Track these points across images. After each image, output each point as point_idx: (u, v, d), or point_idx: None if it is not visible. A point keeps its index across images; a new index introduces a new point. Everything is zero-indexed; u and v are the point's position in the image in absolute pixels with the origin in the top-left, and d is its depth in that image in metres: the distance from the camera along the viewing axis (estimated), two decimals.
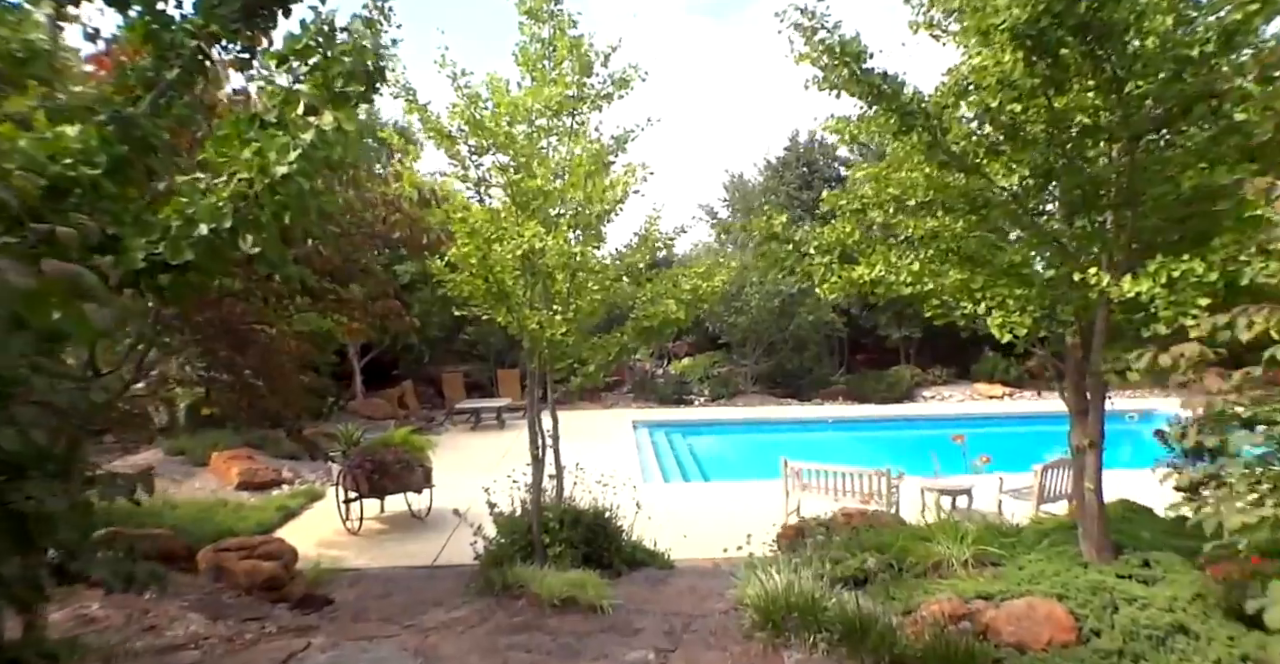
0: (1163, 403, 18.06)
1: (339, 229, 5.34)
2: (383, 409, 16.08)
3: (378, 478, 8.55)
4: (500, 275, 5.54)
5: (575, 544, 6.59)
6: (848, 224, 5.61)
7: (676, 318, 5.79)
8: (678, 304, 5.75)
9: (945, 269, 5.49)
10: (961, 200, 5.27)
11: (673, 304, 5.75)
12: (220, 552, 6.36)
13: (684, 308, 5.78)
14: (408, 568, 7.54)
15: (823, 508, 8.83)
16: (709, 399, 18.97)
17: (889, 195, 5.51)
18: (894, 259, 5.44)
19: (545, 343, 5.99)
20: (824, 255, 5.41)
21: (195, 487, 10.37)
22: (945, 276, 5.40)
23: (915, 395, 19.14)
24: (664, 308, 5.75)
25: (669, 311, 5.73)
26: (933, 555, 6.28)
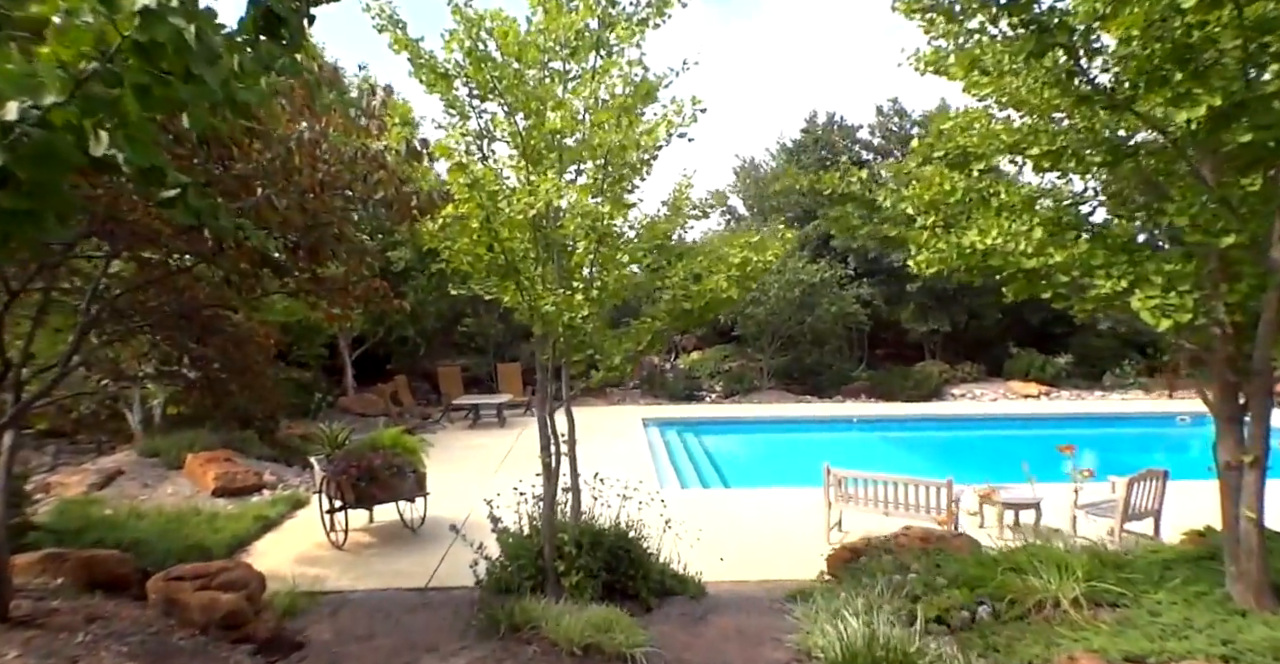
0: None
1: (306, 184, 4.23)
2: (375, 405, 15.00)
3: (365, 485, 7.49)
4: (508, 242, 4.45)
5: (595, 572, 5.54)
6: (945, 179, 4.51)
7: (727, 296, 4.71)
8: (729, 280, 4.66)
9: (1073, 238, 4.39)
10: (1101, 147, 4.18)
11: (722, 279, 4.66)
12: (172, 581, 5.29)
13: (735, 284, 4.70)
14: (398, 591, 6.50)
15: (867, 522, 7.80)
16: (722, 396, 17.89)
17: (1001, 143, 4.43)
18: (1006, 224, 4.35)
19: (562, 329, 4.91)
20: (926, 216, 4.30)
21: (168, 492, 9.30)
22: (1075, 246, 4.29)
23: (944, 393, 18.05)
24: (712, 284, 4.66)
25: (718, 289, 4.65)
26: (1033, 591, 5.22)
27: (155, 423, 10.72)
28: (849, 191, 4.65)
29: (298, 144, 4.51)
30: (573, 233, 4.82)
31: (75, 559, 5.69)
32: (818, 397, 17.88)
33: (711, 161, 36.41)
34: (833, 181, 4.70)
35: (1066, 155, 4.45)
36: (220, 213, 2.81)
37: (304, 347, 13.69)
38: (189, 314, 6.03)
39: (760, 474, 12.23)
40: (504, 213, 4.34)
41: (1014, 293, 5.12)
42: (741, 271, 4.88)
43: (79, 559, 5.69)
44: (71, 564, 5.67)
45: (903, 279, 19.18)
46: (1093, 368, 19.76)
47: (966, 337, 20.21)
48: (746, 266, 5.03)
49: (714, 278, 4.71)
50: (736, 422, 15.87)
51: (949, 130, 4.72)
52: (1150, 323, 4.20)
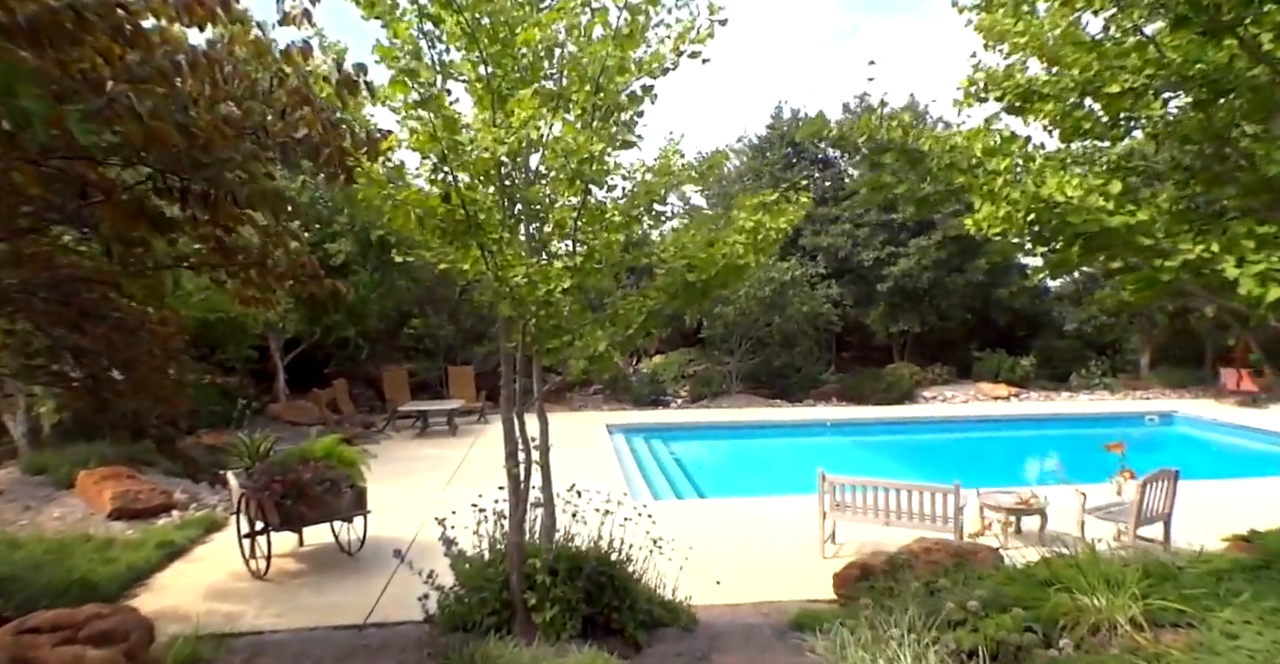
0: (1181, 404, 16.88)
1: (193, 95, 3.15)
2: (309, 413, 13.62)
3: (291, 504, 6.32)
4: (470, 192, 3.44)
5: (574, 604, 4.53)
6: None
7: (745, 263, 3.79)
8: (745, 246, 3.74)
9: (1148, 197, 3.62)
10: (1195, 83, 3.41)
11: (739, 243, 3.73)
12: (25, 634, 4.07)
13: (752, 250, 3.78)
14: (330, 630, 5.39)
15: (862, 533, 7.07)
16: (689, 400, 16.98)
17: (1071, 81, 3.63)
18: (1079, 178, 3.54)
19: (536, 308, 3.92)
20: (998, 160, 3.44)
21: (54, 516, 7.92)
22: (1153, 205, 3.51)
23: (916, 396, 17.52)
24: (725, 249, 3.73)
25: (733, 254, 3.72)
26: (1085, 612, 4.43)
27: (43, 434, 9.26)
28: (891, 138, 3.81)
29: (191, 62, 3.42)
30: (552, 184, 3.85)
31: None
32: (787, 400, 17.13)
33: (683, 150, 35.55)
34: (869, 126, 3.85)
35: (1146, 96, 3.69)
36: (25, 93, 1.76)
37: (229, 348, 12.29)
38: (64, 296, 4.82)
39: (735, 482, 11.35)
40: (465, 152, 3.33)
41: (1062, 262, 4.35)
42: (753, 237, 3.97)
43: None
44: None
45: (871, 279, 18.71)
46: (1055, 369, 19.61)
47: (932, 339, 19.83)
48: (758, 234, 4.13)
49: (729, 240, 3.78)
50: (706, 427, 14.98)
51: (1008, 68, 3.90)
52: (1250, 294, 3.40)
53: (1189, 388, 18.66)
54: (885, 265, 18.44)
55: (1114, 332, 19.74)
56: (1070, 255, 4.31)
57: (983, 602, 4.68)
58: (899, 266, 18.09)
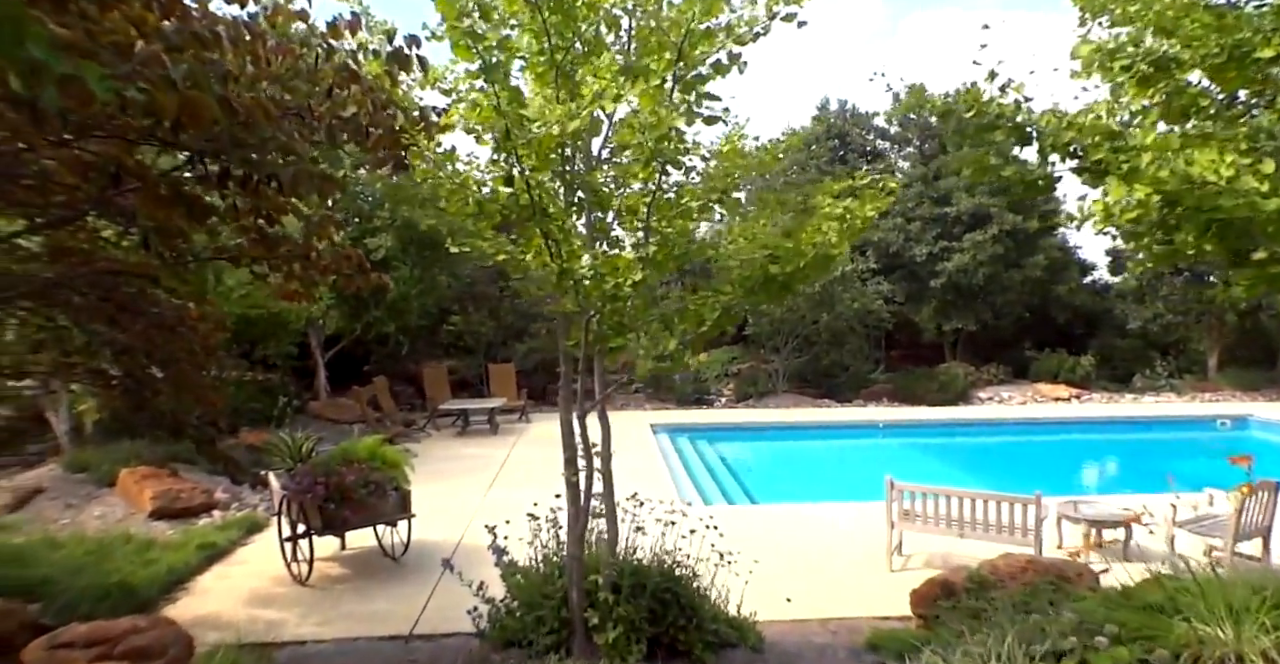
0: (1254, 407, 15.97)
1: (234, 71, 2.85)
2: (350, 411, 13.46)
3: (334, 507, 6.08)
4: (535, 174, 3.09)
5: (638, 624, 4.17)
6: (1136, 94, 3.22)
7: (838, 253, 3.39)
8: (839, 234, 3.34)
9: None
10: None
11: (832, 230, 3.33)
12: (57, 649, 3.84)
13: (844, 237, 3.38)
14: (373, 641, 5.13)
15: (929, 544, 6.64)
16: (734, 400, 16.53)
17: (1212, 45, 3.15)
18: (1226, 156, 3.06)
19: (601, 303, 3.56)
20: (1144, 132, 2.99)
21: (95, 515, 7.80)
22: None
23: (971, 397, 16.83)
24: (816, 238, 3.33)
25: (824, 244, 3.31)
26: (1209, 644, 3.94)
27: (86, 432, 9.18)
28: (1002, 114, 3.37)
29: (232, 37, 3.13)
30: (618, 167, 3.49)
31: None
32: (835, 400, 16.59)
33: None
34: (976, 99, 3.41)
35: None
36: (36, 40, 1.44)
37: (269, 345, 12.18)
38: (102, 289, 4.59)
39: (786, 486, 10.91)
40: (531, 129, 2.98)
41: (1172, 254, 3.86)
42: (846, 224, 3.56)
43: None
44: None
45: (923, 275, 18.03)
46: (1116, 370, 18.75)
47: (984, 337, 19.07)
48: (842, 222, 3.71)
49: (822, 228, 3.37)
50: (752, 428, 14.51)
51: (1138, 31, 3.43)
52: None
53: (1261, 390, 17.68)
54: (938, 261, 17.75)
55: (1179, 331, 18.79)
56: (1186, 246, 3.83)
57: (1084, 629, 4.21)
58: (953, 262, 17.39)
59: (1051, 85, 4.27)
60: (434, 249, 13.92)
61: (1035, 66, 3.86)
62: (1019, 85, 3.39)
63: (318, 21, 3.86)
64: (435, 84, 4.23)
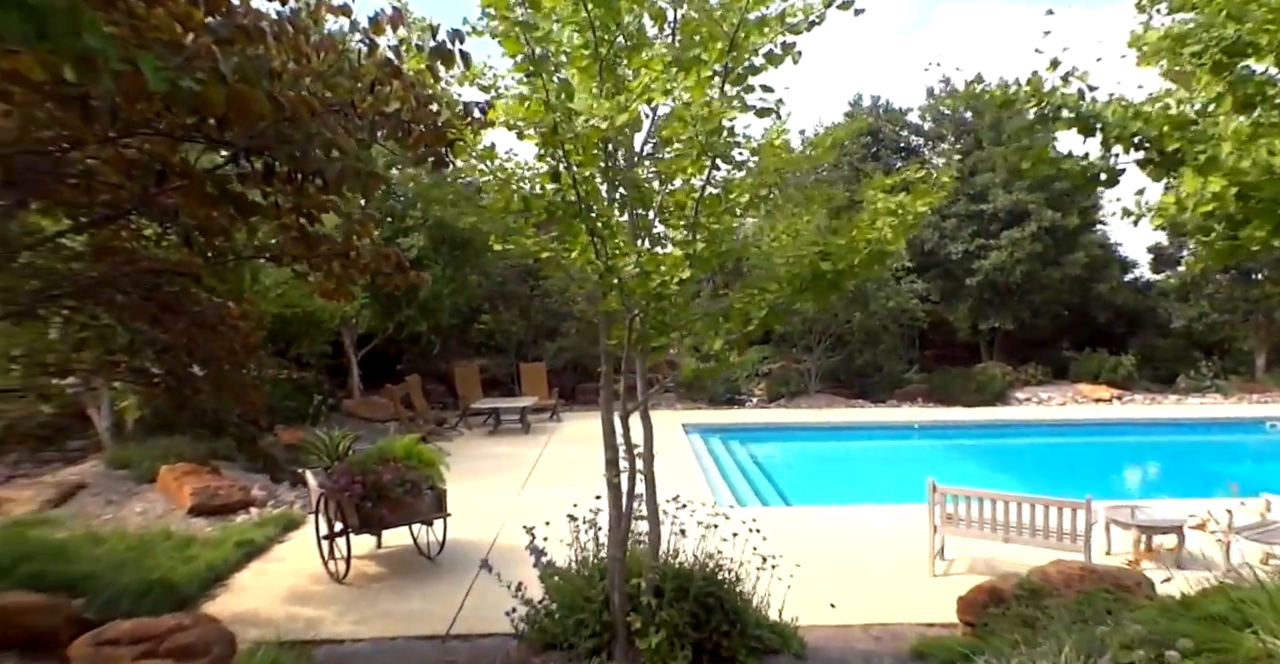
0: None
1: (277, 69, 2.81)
2: (384, 409, 13.54)
3: (371, 506, 6.08)
4: (581, 170, 3.02)
5: (681, 629, 4.09)
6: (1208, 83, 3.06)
7: (894, 248, 3.28)
8: (894, 230, 3.22)
9: None
10: None
11: (889, 226, 3.21)
12: (104, 645, 3.86)
13: (899, 233, 3.26)
14: (411, 640, 5.11)
15: (972, 548, 6.43)
16: (765, 400, 16.36)
17: None
18: None
19: (646, 302, 3.48)
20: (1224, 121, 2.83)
21: (135, 511, 7.90)
22: None
23: (1008, 398, 16.47)
24: (870, 233, 3.21)
25: (880, 239, 3.20)
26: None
27: (126, 429, 9.31)
28: (1064, 104, 3.22)
29: (275, 33, 3.09)
30: (660, 163, 3.40)
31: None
32: (869, 401, 16.34)
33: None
34: (1037, 88, 3.27)
35: None
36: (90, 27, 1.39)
37: (304, 343, 12.29)
38: (145, 288, 4.61)
39: (821, 487, 10.74)
40: (577, 124, 2.90)
41: (1234, 250, 3.68)
42: (899, 218, 3.44)
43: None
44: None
45: (959, 273, 17.69)
46: (1158, 370, 18.24)
47: (1021, 336, 18.65)
48: (894, 217, 3.59)
49: (876, 224, 3.25)
50: (786, 428, 14.34)
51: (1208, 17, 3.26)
52: None
53: None
54: (974, 258, 17.39)
55: (1224, 330, 18.21)
56: (1252, 241, 3.65)
57: (1149, 641, 4.04)
58: (990, 260, 17.02)
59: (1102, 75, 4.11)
60: (465, 248, 13.96)
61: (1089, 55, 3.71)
62: (1083, 73, 3.24)
63: (359, 17, 3.82)
64: (474, 81, 4.19)
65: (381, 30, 3.63)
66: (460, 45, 3.56)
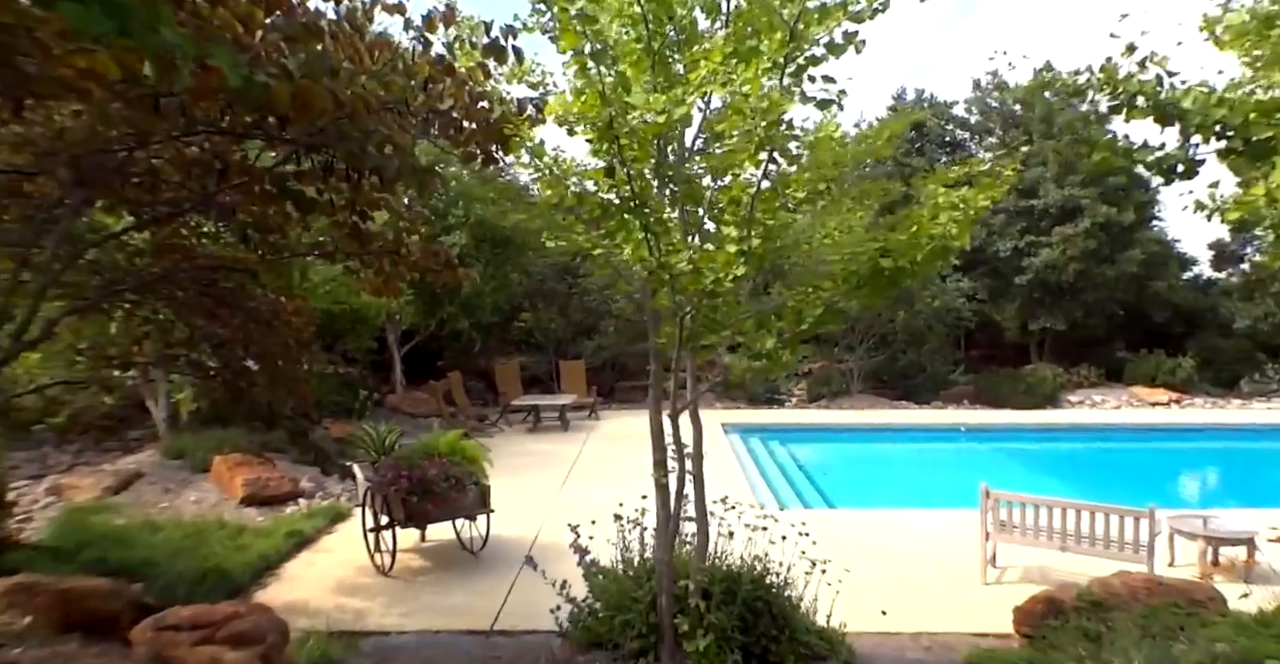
0: None
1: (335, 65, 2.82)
2: (426, 405, 13.72)
3: (417, 500, 6.14)
4: (636, 165, 2.98)
5: (729, 633, 4.03)
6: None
7: (958, 243, 3.18)
8: (960, 225, 3.12)
9: None
10: None
11: (954, 221, 3.11)
12: (165, 631, 3.95)
13: (964, 228, 3.16)
14: (455, 635, 5.14)
15: (1026, 556, 6.23)
16: (806, 400, 16.16)
17: None
18: None
19: (698, 299, 3.43)
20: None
21: (190, 500, 8.11)
22: None
23: (1060, 400, 16.00)
24: (932, 228, 3.11)
25: (944, 235, 3.10)
26: None
27: (181, 419, 9.57)
28: (1140, 92, 3.07)
29: (334, 30, 3.11)
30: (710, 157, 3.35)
31: (49, 592, 4.38)
32: (913, 402, 16.03)
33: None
34: (1111, 75, 3.13)
35: None
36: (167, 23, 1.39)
37: (350, 339, 12.50)
38: (202, 284, 4.72)
39: (864, 490, 10.56)
40: (633, 118, 2.86)
41: None
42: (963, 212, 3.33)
43: (54, 592, 4.38)
44: (45, 598, 4.37)
45: (1007, 272, 17.22)
46: (1219, 373, 17.50)
47: (1072, 337, 18.08)
48: (956, 211, 3.47)
49: (937, 218, 3.15)
50: (827, 429, 14.13)
51: None
52: None
53: None
54: (1024, 256, 16.91)
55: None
56: None
57: (1226, 660, 3.86)
58: (1040, 257, 16.53)
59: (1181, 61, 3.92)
60: (506, 246, 14.07)
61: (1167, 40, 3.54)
62: (1162, 59, 3.09)
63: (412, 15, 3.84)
64: (523, 78, 4.18)
65: (435, 28, 3.64)
66: (513, 41, 3.57)
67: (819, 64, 2.88)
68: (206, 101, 2.71)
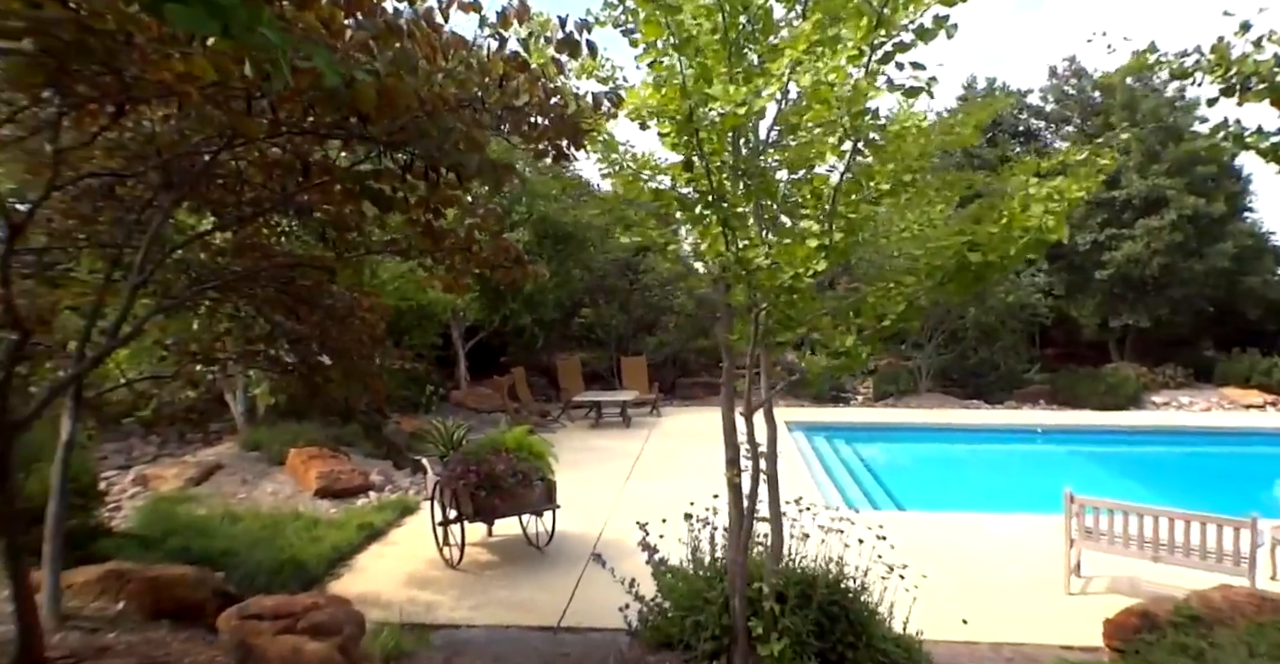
0: None
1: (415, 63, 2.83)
2: (491, 400, 13.91)
3: (485, 495, 6.20)
4: (713, 158, 2.90)
5: (804, 637, 3.93)
6: None
7: (1055, 236, 3.01)
8: (1057, 217, 2.95)
9: None
10: None
11: (1052, 212, 2.94)
12: (248, 619, 4.07)
13: (1060, 219, 2.99)
14: (524, 630, 5.16)
15: (1113, 565, 5.94)
16: (872, 398, 15.79)
17: None
18: None
19: (775, 295, 3.34)
20: None
21: (267, 491, 8.39)
22: None
23: (1143, 402, 15.22)
24: (1027, 220, 2.95)
25: (1040, 228, 2.94)
26: None
27: (258, 413, 9.92)
28: (1255, 73, 2.84)
29: (413, 28, 3.12)
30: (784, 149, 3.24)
31: (140, 579, 4.58)
32: (985, 401, 15.47)
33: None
34: (1223, 56, 2.90)
35: None
36: (268, 23, 1.39)
37: (417, 335, 12.75)
38: (281, 281, 4.84)
39: (935, 493, 10.24)
40: (713, 111, 2.79)
41: None
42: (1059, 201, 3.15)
43: (143, 580, 4.57)
44: (136, 585, 4.57)
45: (1087, 266, 16.43)
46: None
47: (1155, 335, 17.16)
48: (1050, 202, 3.28)
49: (1024, 209, 2.98)
50: (895, 428, 13.78)
51: None
52: None
53: None
54: (1104, 250, 16.10)
55: None
56: None
57: None
58: (1122, 251, 15.72)
59: None
60: (568, 242, 14.13)
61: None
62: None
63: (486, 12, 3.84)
64: (593, 73, 4.14)
65: (509, 24, 3.63)
66: (588, 35, 3.53)
67: (907, 50, 2.74)
68: (290, 103, 2.75)
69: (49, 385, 3.77)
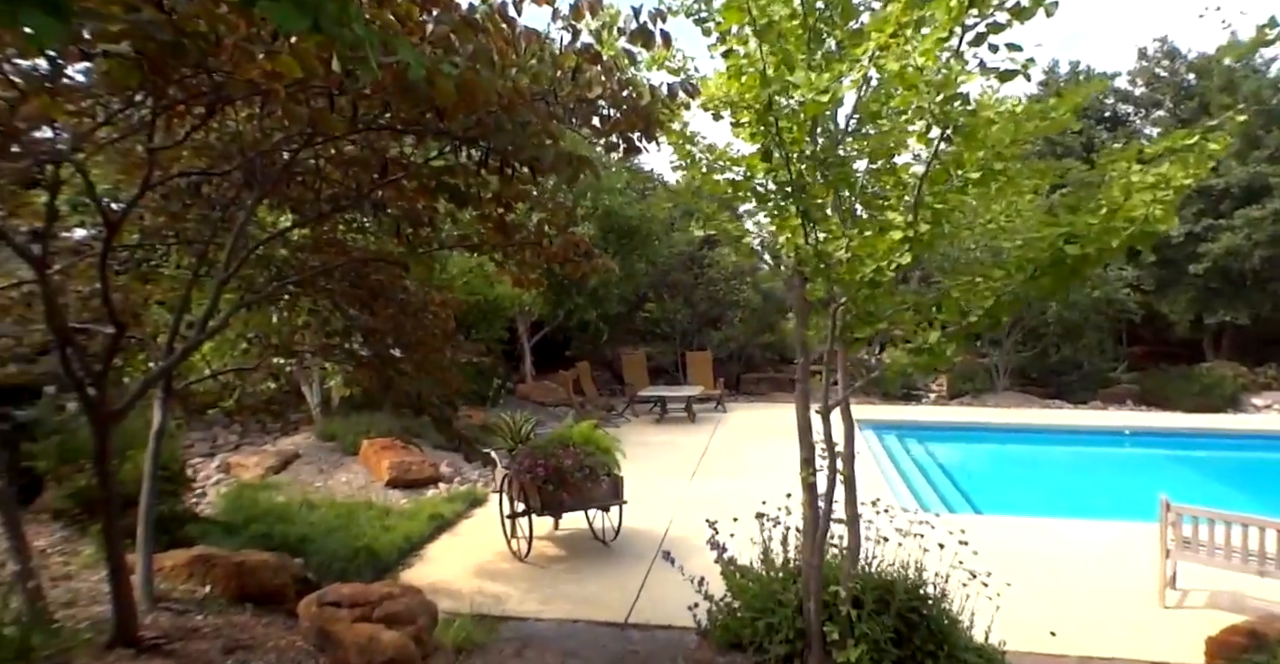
0: None
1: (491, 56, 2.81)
2: (556, 394, 14.02)
3: (553, 489, 6.23)
4: (793, 148, 2.79)
5: (882, 644, 3.79)
6: None
7: (1165, 227, 2.80)
8: (1165, 207, 2.74)
9: None
10: None
11: (1160, 202, 2.73)
12: (326, 607, 4.17)
13: (1169, 209, 2.77)
14: (591, 625, 5.16)
15: (1212, 578, 5.55)
16: (945, 396, 15.27)
17: None
18: None
19: (856, 289, 3.21)
20: None
21: (341, 480, 8.64)
22: None
23: (1242, 403, 14.29)
24: (1131, 210, 2.75)
25: (1147, 218, 2.73)
26: None
27: (333, 404, 10.23)
28: None
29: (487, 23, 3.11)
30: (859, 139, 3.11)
31: (225, 565, 4.75)
32: (1067, 401, 14.76)
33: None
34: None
35: None
36: (355, 18, 1.38)
37: (484, 329, 12.95)
38: (357, 277, 4.94)
39: (1014, 496, 9.81)
40: (794, 99, 2.68)
41: None
42: (1166, 191, 2.92)
43: (229, 566, 4.74)
44: (222, 569, 4.75)
45: (1179, 259, 15.46)
46: None
47: (1256, 332, 16.06)
48: (1162, 185, 3.05)
49: (1125, 198, 2.77)
50: (971, 428, 13.26)
51: None
52: None
53: None
54: (1200, 241, 15.13)
55: None
56: None
57: None
58: (1220, 243, 14.75)
59: None
60: (632, 237, 14.11)
61: None
62: None
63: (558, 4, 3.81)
64: (663, 64, 4.07)
65: (581, 16, 3.58)
66: (662, 24, 3.45)
67: (1001, 31, 2.58)
68: (369, 100, 2.77)
69: (142, 377, 3.94)
